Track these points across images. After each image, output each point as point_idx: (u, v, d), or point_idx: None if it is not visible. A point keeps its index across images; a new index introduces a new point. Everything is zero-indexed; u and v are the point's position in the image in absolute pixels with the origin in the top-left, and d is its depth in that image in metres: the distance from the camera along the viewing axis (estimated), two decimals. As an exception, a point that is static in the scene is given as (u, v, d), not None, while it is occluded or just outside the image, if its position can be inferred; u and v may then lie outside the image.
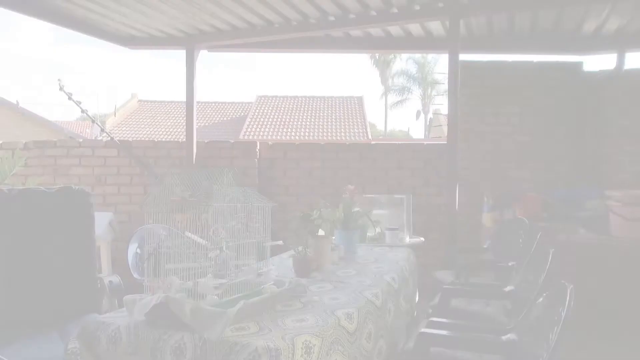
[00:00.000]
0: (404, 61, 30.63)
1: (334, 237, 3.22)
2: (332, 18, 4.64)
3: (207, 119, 21.72)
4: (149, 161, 5.47)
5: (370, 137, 18.69)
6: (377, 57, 31.11)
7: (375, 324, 2.08)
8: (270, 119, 19.63)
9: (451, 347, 1.77)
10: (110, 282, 2.56)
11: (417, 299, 3.24)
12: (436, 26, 4.89)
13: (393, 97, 31.95)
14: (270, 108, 20.57)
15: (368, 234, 3.79)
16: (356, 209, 3.36)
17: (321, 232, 2.79)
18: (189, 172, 1.94)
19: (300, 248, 2.46)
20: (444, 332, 1.79)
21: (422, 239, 4.05)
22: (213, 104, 23.09)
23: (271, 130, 18.78)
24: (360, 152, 5.42)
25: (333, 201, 3.29)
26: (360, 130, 18.93)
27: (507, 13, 4.53)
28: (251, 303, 1.69)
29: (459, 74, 4.45)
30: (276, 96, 21.68)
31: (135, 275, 3.32)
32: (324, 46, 5.38)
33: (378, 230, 3.84)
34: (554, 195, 4.84)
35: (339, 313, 1.82)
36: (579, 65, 5.36)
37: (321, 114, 20.14)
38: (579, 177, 5.31)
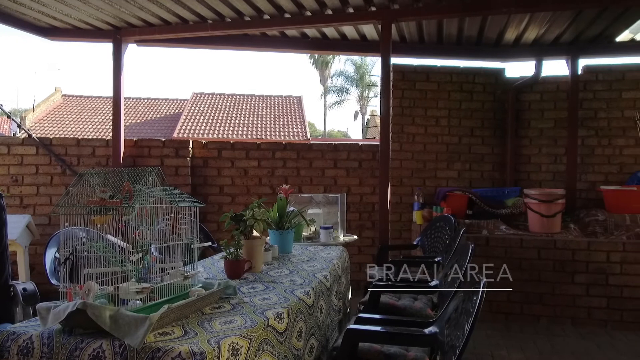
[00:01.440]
0: (342, 62, 31.18)
1: (268, 238, 3.22)
2: (267, 17, 4.61)
3: (139, 115, 20.83)
4: (71, 160, 5.15)
5: (309, 136, 18.78)
6: (317, 57, 31.42)
7: (306, 322, 2.09)
8: (207, 117, 19.17)
9: (378, 341, 1.82)
10: (24, 289, 2.37)
11: (349, 296, 3.30)
12: (369, 29, 5.01)
13: (332, 98, 32.38)
14: (207, 105, 20.09)
15: (303, 233, 3.81)
16: (291, 208, 3.36)
17: (256, 233, 2.77)
18: (110, 171, 1.84)
19: (231, 249, 2.42)
20: (370, 328, 1.84)
21: (356, 237, 4.13)
22: (146, 100, 22.17)
23: (208, 128, 18.34)
24: (298, 152, 5.43)
25: (270, 201, 3.28)
26: (299, 130, 18.97)
27: (436, 20, 4.73)
28: (176, 307, 1.64)
29: (390, 76, 4.58)
30: (213, 93, 21.20)
31: (54, 282, 3.12)
32: (259, 45, 5.32)
33: (313, 229, 3.88)
34: (479, 194, 5.12)
35: (269, 313, 1.82)
36: (501, 71, 5.70)
37: (260, 113, 19.97)
38: (502, 177, 5.66)
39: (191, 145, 5.29)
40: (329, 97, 32.92)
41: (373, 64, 30.59)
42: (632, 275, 4.06)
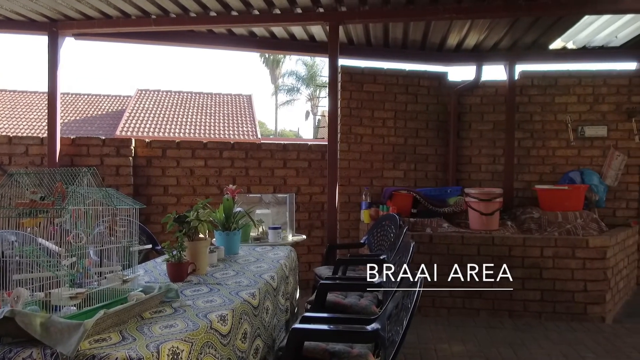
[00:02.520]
0: (293, 62, 31.16)
1: (214, 239, 3.17)
2: (213, 14, 4.53)
3: (79, 112, 19.84)
4: (2, 159, 4.83)
5: (259, 136, 18.62)
6: (267, 56, 31.21)
7: (251, 323, 2.08)
8: (152, 115, 18.54)
9: (322, 340, 1.85)
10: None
11: (297, 295, 3.31)
12: (318, 30, 5.04)
13: (283, 97, 32.29)
14: (152, 103, 19.43)
15: (251, 233, 3.78)
16: (238, 209, 3.33)
17: (202, 234, 2.72)
18: (44, 171, 1.75)
19: (174, 252, 2.36)
20: (314, 327, 1.86)
21: (304, 236, 4.14)
22: (86, 97, 21.15)
23: (153, 126, 17.75)
24: (246, 151, 5.37)
25: (217, 201, 3.23)
26: (249, 129, 18.77)
27: (382, 24, 4.83)
28: (113, 312, 1.58)
29: (338, 77, 4.64)
30: (159, 90, 20.52)
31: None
32: (206, 42, 5.22)
33: (261, 229, 3.86)
34: (423, 193, 5.28)
35: (212, 316, 1.79)
36: (444, 75, 5.92)
37: (208, 111, 19.57)
38: (445, 176, 5.88)
39: (133, 144, 5.10)
40: (280, 96, 32.85)
41: (324, 64, 30.81)
42: (563, 269, 4.33)
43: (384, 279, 2.49)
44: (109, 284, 1.77)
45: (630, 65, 5.76)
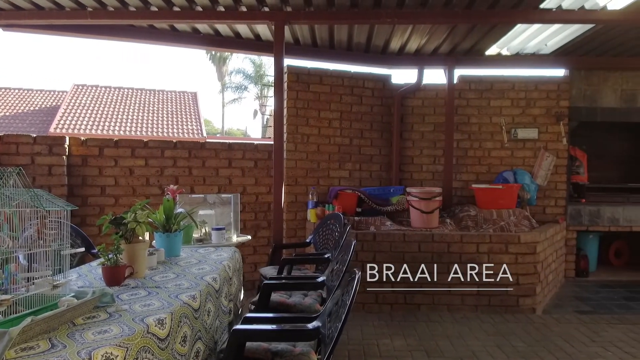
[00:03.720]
0: (241, 59, 30.67)
1: (154, 241, 3.08)
2: (154, 8, 4.39)
3: (9, 107, 18.57)
4: None
5: (205, 134, 18.23)
6: (214, 53, 30.57)
7: (191, 326, 2.04)
8: (90, 111, 17.65)
9: (263, 340, 1.85)
10: None
11: (242, 296, 3.28)
12: (263, 29, 5.02)
13: (230, 95, 31.76)
14: (90, 99, 18.50)
15: (194, 235, 3.70)
16: (179, 209, 3.25)
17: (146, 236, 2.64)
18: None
19: (110, 255, 2.27)
20: (255, 327, 1.85)
21: (249, 237, 4.11)
22: (17, 91, 19.82)
23: (91, 123, 16.91)
24: (189, 150, 5.25)
25: (158, 202, 3.13)
26: (194, 127, 18.33)
27: (327, 26, 4.88)
28: (41, 319, 1.50)
29: (284, 77, 4.64)
30: (97, 86, 19.57)
31: None
32: (147, 37, 5.05)
33: (204, 230, 3.79)
34: (367, 192, 5.39)
35: (150, 320, 1.75)
36: (388, 77, 6.07)
37: (151, 109, 18.91)
38: (388, 176, 6.03)
39: (68, 142, 4.85)
40: (227, 94, 32.28)
41: (271, 63, 30.38)
42: (497, 264, 4.57)
43: (327, 278, 2.53)
44: (37, 290, 1.69)
45: (559, 72, 6.16)
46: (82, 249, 2.34)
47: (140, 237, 2.48)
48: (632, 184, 6.52)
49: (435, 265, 4.56)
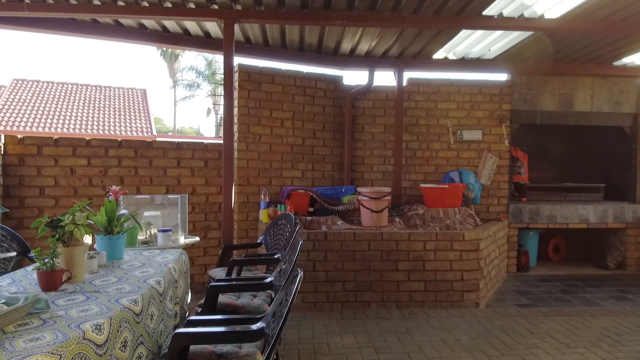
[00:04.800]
0: (193, 56, 30.01)
1: (93, 243, 2.96)
2: (97, 2, 4.23)
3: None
4: None
5: (154, 132, 17.71)
6: (165, 49, 29.75)
7: (132, 331, 1.99)
8: (30, 108, 16.71)
9: (206, 342, 1.83)
10: None
11: (189, 299, 3.22)
12: (213, 27, 4.94)
13: (182, 92, 31.02)
14: (30, 94, 17.53)
15: (139, 237, 3.60)
16: (123, 211, 3.15)
17: (87, 239, 2.53)
18: None
19: (46, 259, 2.17)
20: (198, 330, 1.83)
21: (198, 238, 4.04)
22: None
23: (31, 120, 16.01)
24: (135, 150, 5.08)
25: (101, 203, 3.01)
26: (144, 125, 17.77)
27: (278, 25, 4.87)
28: (-36, 329, 1.41)
29: (233, 76, 4.59)
30: (38, 81, 18.57)
31: None
32: (90, 32, 4.84)
33: (151, 232, 3.69)
34: (320, 192, 5.43)
35: (86, 325, 1.69)
36: (340, 78, 6.14)
37: (97, 106, 18.14)
38: (340, 176, 6.10)
39: (3, 140, 4.57)
40: (179, 92, 31.51)
41: (224, 61, 30.08)
42: (443, 260, 4.73)
43: (275, 278, 2.53)
44: (-40, 298, 1.58)
45: (501, 77, 6.45)
46: (14, 253, 2.22)
47: (79, 240, 2.38)
48: (568, 184, 6.93)
49: (383, 262, 4.66)
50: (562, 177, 7.38)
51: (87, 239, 2.78)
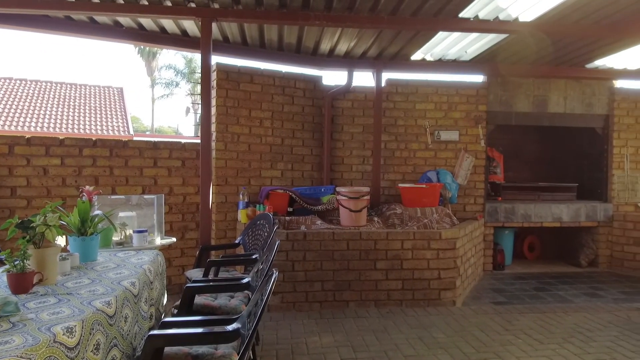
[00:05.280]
0: (171, 54, 29.64)
1: (66, 245, 2.91)
2: (71, -2, 4.14)
3: None
4: None
5: (131, 132, 17.43)
6: (142, 47, 29.29)
7: (105, 334, 1.96)
8: (3, 106, 16.26)
9: (181, 344, 1.81)
10: None
11: (165, 301, 3.19)
12: (190, 25, 4.89)
13: (161, 91, 30.59)
14: (2, 92, 17.04)
15: (114, 238, 3.54)
16: (97, 211, 3.10)
17: (60, 240, 2.48)
18: None
19: (16, 261, 2.12)
20: (172, 332, 1.81)
21: (174, 239, 4.00)
22: None
23: (3, 119, 15.58)
24: (111, 149, 4.99)
25: (75, 204, 2.95)
26: (120, 124, 17.47)
27: (257, 25, 4.85)
28: None
29: (211, 75, 4.55)
30: (11, 78, 18.07)
31: None
32: (64, 29, 4.73)
33: (126, 233, 3.63)
34: (299, 192, 5.43)
35: (57, 328, 1.66)
36: (319, 78, 6.15)
37: (72, 104, 17.75)
38: (320, 176, 6.11)
39: (-28, 140, 4.45)
40: (157, 90, 31.07)
41: (204, 59, 29.73)
42: (420, 259, 4.79)
43: (252, 278, 2.52)
44: None
45: (477, 78, 6.56)
46: (-19, 256, 2.16)
47: (51, 242, 2.33)
48: (542, 183, 7.09)
49: (362, 262, 4.69)
50: (537, 177, 7.54)
51: (61, 241, 2.73)
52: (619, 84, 6.82)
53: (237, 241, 4.34)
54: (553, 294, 5.38)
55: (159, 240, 3.77)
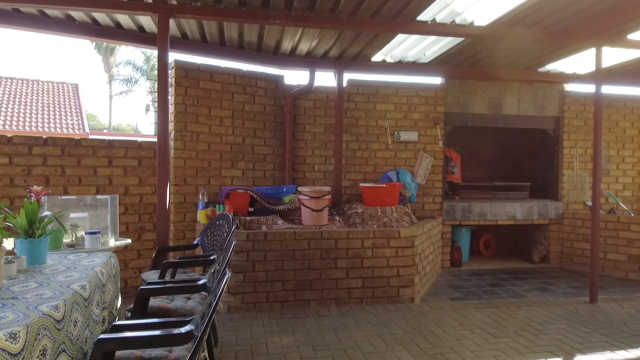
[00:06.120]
0: (130, 50, 28.77)
1: (13, 247, 2.78)
2: (19, -10, 3.95)
3: None
4: None
5: (87, 129, 16.82)
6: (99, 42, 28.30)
7: (53, 339, 1.88)
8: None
9: (132, 348, 1.77)
10: None
11: (119, 304, 3.09)
12: (147, 21, 4.76)
13: (119, 88, 29.66)
14: (-54, 87, 16.12)
15: (65, 240, 3.40)
16: (46, 212, 2.97)
17: (6, 243, 2.36)
18: None
19: (-46, 264, 2.01)
20: (122, 335, 1.77)
21: (129, 240, 3.88)
22: None
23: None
24: (62, 148, 4.80)
25: (22, 205, 2.82)
26: (75, 122, 16.83)
27: (217, 22, 4.78)
28: None
29: (168, 72, 4.45)
30: (-44, 73, 17.09)
31: None
32: (11, 22, 4.49)
33: (77, 235, 3.50)
34: (260, 192, 5.40)
35: (0, 334, 1.58)
36: (281, 78, 6.14)
37: (23, 100, 16.95)
38: (282, 175, 6.10)
39: None
40: (115, 87, 30.10)
41: (165, 56, 29.01)
42: (380, 257, 4.86)
43: (209, 279, 2.49)
44: None
45: (436, 80, 6.71)
46: None
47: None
48: (497, 182, 7.33)
49: (323, 261, 4.71)
50: (492, 176, 7.80)
51: (8, 243, 2.61)
52: (569, 87, 7.15)
53: (195, 242, 4.27)
54: (507, 289, 5.58)
55: (112, 242, 3.66)
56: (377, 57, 6.15)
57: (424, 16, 4.61)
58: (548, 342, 3.84)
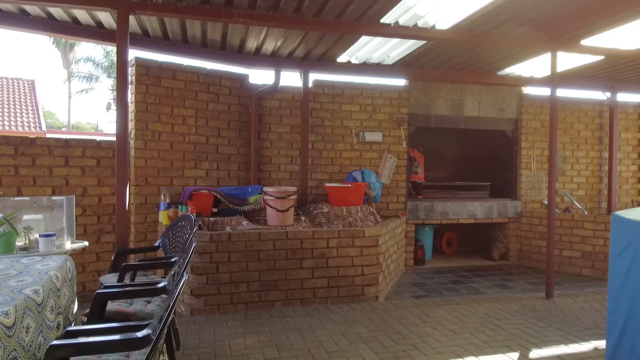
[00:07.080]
0: (91, 46, 27.81)
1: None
2: (-34, -19, 3.76)
3: None
4: None
5: (44, 128, 16.18)
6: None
7: (3, 346, 1.81)
8: None
9: (85, 353, 1.71)
10: None
11: (75, 309, 2.99)
12: (106, 17, 4.62)
13: (79, 85, 28.63)
14: None
15: (17, 243, 3.27)
16: (-4, 214, 2.84)
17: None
18: None
19: None
20: (75, 341, 1.71)
21: (86, 243, 3.76)
22: None
23: None
24: (16, 147, 4.60)
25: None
26: (32, 120, 16.16)
27: (178, 19, 4.69)
28: None
29: (128, 69, 4.33)
30: None
31: None
32: (-42, 14, 4.30)
33: (32, 237, 3.37)
34: (224, 192, 5.34)
35: (-60, 344, 1.50)
36: (246, 77, 6.08)
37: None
38: (247, 175, 6.05)
39: None
40: (75, 84, 29.07)
41: (127, 53, 28.18)
42: (345, 257, 4.89)
43: (169, 282, 2.44)
44: None
45: (400, 82, 6.81)
46: None
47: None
48: (459, 182, 7.52)
49: (288, 261, 4.70)
50: (454, 176, 8.00)
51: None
52: (527, 90, 7.41)
53: (156, 244, 4.17)
54: (468, 287, 5.73)
55: (69, 245, 3.53)
56: (342, 58, 6.19)
57: (387, 18, 4.67)
58: (506, 337, 3.96)
